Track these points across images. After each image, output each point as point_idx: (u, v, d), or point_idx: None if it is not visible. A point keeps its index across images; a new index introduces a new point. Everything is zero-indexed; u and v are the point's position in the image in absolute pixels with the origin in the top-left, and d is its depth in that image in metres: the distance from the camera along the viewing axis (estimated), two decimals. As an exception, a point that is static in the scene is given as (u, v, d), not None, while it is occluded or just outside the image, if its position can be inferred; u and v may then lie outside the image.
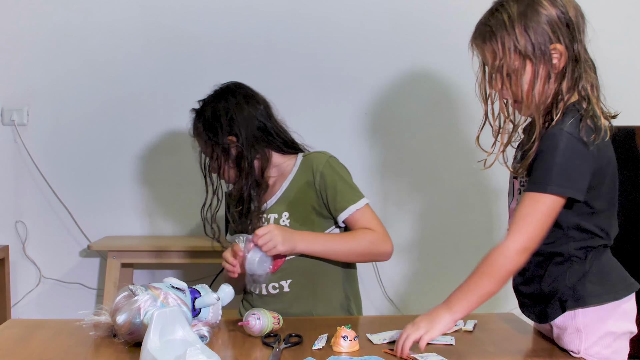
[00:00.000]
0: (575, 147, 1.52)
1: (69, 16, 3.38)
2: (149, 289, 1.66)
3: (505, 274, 1.56)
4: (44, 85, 3.40)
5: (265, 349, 1.66)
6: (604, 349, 1.60)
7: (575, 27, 1.57)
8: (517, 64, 1.56)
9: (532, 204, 1.54)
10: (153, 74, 3.41)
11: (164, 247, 3.20)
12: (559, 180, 1.51)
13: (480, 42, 1.61)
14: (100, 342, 1.70)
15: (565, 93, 1.56)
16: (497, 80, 1.59)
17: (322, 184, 2.02)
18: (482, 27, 1.60)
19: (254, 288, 2.08)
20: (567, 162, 1.51)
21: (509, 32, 1.55)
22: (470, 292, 1.58)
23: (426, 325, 1.58)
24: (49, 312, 3.41)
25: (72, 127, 3.41)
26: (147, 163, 3.43)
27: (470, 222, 3.45)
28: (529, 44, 1.54)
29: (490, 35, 1.57)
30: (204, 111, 2.09)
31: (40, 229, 3.43)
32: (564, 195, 1.53)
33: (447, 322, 1.58)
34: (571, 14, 1.56)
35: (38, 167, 3.39)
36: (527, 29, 1.54)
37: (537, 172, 1.54)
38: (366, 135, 3.47)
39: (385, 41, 3.44)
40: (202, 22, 3.41)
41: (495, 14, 1.58)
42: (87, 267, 3.46)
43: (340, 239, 2.01)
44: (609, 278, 1.61)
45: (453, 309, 1.58)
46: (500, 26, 1.56)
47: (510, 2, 1.57)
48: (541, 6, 1.55)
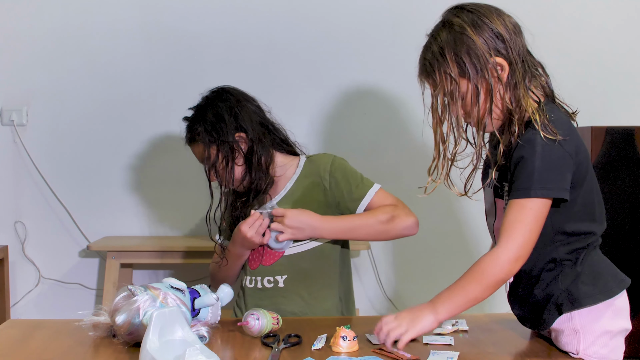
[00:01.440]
0: (552, 148, 1.53)
1: (69, 16, 3.38)
2: (148, 289, 1.66)
3: (496, 283, 1.57)
4: (43, 86, 3.40)
5: (265, 349, 1.66)
6: (602, 348, 1.61)
7: (509, 39, 1.60)
8: (452, 88, 1.60)
9: (519, 211, 1.55)
10: (152, 75, 3.41)
11: (163, 247, 3.20)
12: (541, 183, 1.53)
13: (423, 76, 1.68)
14: (99, 342, 1.70)
15: (522, 99, 1.59)
16: (437, 109, 1.64)
17: (334, 183, 2.05)
18: (422, 62, 1.68)
19: (250, 281, 2.08)
20: (546, 164, 1.53)
21: (442, 61, 1.61)
22: (458, 296, 1.59)
23: (407, 324, 1.59)
24: (48, 312, 3.41)
25: (71, 128, 3.41)
26: (146, 163, 3.43)
27: (469, 222, 3.45)
28: (462, 66, 1.59)
29: (429, 69, 1.64)
30: (203, 115, 2.06)
31: (39, 229, 3.43)
32: (549, 197, 1.54)
33: (429, 323, 1.60)
34: (501, 29, 1.60)
35: (37, 167, 3.39)
36: (457, 53, 1.59)
37: (520, 179, 1.55)
38: (366, 136, 3.47)
39: (385, 41, 3.44)
40: (202, 22, 3.41)
41: (429, 46, 1.65)
42: (86, 268, 3.46)
43: (360, 217, 2.03)
44: (601, 277, 1.62)
45: (437, 310, 1.59)
46: (433, 57, 1.63)
47: (440, 33, 1.63)
48: (468, 31, 1.59)
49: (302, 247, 2.05)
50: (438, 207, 3.48)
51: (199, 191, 2.14)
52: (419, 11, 3.41)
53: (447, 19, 1.64)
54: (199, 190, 2.14)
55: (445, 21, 1.64)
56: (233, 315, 2.12)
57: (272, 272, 2.05)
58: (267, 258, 2.05)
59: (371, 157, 3.43)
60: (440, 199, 3.49)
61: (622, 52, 3.47)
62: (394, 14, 3.44)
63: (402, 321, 1.60)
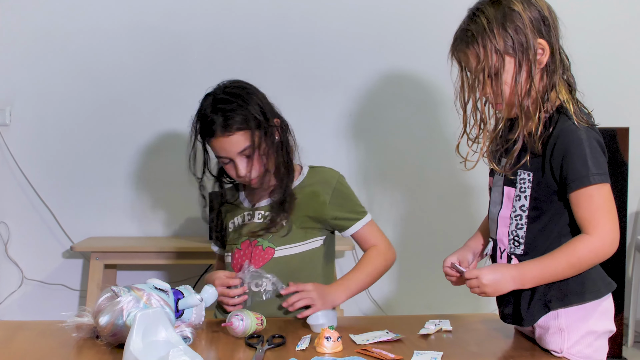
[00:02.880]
0: (595, 138, 1.58)
1: (53, 16, 3.37)
2: (131, 290, 1.65)
3: (588, 267, 1.60)
4: (27, 85, 3.38)
5: (249, 350, 1.66)
6: (586, 348, 1.62)
7: (552, 25, 1.62)
8: (498, 64, 1.59)
9: (589, 201, 1.56)
10: (137, 74, 3.40)
11: (147, 248, 3.19)
12: (596, 169, 1.56)
13: (463, 47, 1.63)
14: (82, 343, 1.69)
15: (555, 87, 1.61)
16: (480, 83, 1.61)
17: (336, 200, 2.08)
18: (463, 32, 1.63)
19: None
20: (594, 151, 1.57)
21: (489, 34, 1.58)
22: (548, 276, 1.60)
23: (491, 290, 1.60)
24: (31, 313, 3.39)
25: (54, 128, 3.39)
26: (130, 164, 3.42)
27: (453, 223, 3.46)
28: (509, 42, 1.58)
29: (471, 40, 1.60)
30: (246, 102, 2.00)
31: (22, 229, 3.41)
32: (607, 182, 1.57)
33: (508, 290, 1.61)
34: (546, 12, 1.61)
35: (20, 167, 3.37)
36: (506, 28, 1.58)
37: (574, 168, 1.56)
38: (351, 137, 3.47)
39: (369, 43, 3.45)
40: (188, 22, 3.40)
41: (474, 18, 1.62)
42: (70, 269, 3.45)
43: (363, 271, 2.07)
44: (590, 277, 1.63)
45: (525, 284, 1.60)
46: (480, 29, 1.59)
47: (487, 7, 1.61)
48: (517, 7, 1.59)
49: (293, 250, 2.05)
50: (422, 208, 3.50)
51: (184, 192, 2.13)
52: (403, 13, 3.43)
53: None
54: (184, 190, 2.13)
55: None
56: (214, 317, 2.12)
57: (259, 276, 2.04)
58: (255, 260, 2.04)
59: (356, 158, 3.44)
60: (424, 200, 3.50)
61: (602, 54, 3.50)
62: (378, 16, 3.45)
63: (486, 287, 1.60)
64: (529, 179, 1.63)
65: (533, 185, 1.63)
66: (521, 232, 1.66)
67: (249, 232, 2.05)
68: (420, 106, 3.47)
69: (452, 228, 3.46)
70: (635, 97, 3.55)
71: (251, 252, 2.05)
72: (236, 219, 2.11)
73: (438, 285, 3.25)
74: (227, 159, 2.01)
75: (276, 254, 2.04)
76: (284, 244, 2.04)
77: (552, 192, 1.61)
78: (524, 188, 1.64)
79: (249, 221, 2.08)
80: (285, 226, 2.04)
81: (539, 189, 1.62)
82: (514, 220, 1.66)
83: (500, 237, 1.70)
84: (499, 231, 1.70)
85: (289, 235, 2.04)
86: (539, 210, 1.63)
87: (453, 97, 1.67)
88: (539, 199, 1.63)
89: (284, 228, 2.03)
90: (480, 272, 1.61)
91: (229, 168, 2.03)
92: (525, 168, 1.63)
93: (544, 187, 1.62)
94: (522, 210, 1.65)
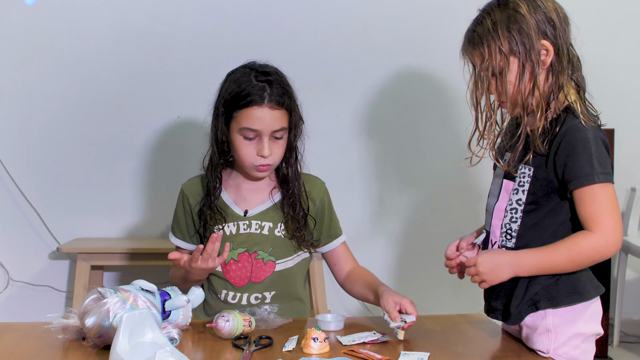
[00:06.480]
0: (601, 138, 1.61)
1: (37, 15, 3.34)
2: (118, 292, 1.65)
3: (589, 264, 1.62)
4: (12, 85, 3.35)
5: (236, 351, 1.66)
6: (572, 350, 1.63)
7: (559, 26, 1.66)
8: (502, 65, 1.64)
9: (593, 199, 1.58)
10: (124, 75, 3.38)
11: (134, 249, 3.18)
12: (602, 167, 1.58)
13: (469, 48, 1.70)
14: (68, 345, 1.68)
15: (564, 86, 1.65)
16: (484, 82, 1.66)
17: (321, 210, 2.08)
18: (470, 34, 1.70)
19: (233, 297, 2.03)
20: (599, 151, 1.59)
21: (494, 36, 1.64)
22: (546, 267, 1.61)
23: (489, 277, 1.63)
24: (17, 315, 3.37)
25: (40, 127, 3.37)
26: (117, 164, 3.40)
27: (446, 223, 3.46)
28: (513, 43, 1.63)
29: (477, 41, 1.66)
30: (290, 87, 2.05)
31: (8, 230, 3.39)
32: (610, 181, 1.59)
33: (505, 277, 1.63)
34: (552, 14, 1.65)
35: (6, 167, 3.35)
36: (510, 30, 1.63)
37: (579, 167, 1.58)
38: (345, 137, 3.47)
39: (356, 42, 3.45)
40: (173, 22, 3.39)
41: (481, 20, 1.68)
42: (56, 270, 3.43)
43: None
44: (580, 279, 1.65)
45: (520, 273, 1.62)
46: (485, 31, 1.65)
47: (494, 9, 1.67)
48: (522, 9, 1.64)
49: (291, 262, 2.04)
50: (416, 208, 3.50)
51: (171, 192, 2.12)
52: (392, 13, 3.44)
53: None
54: (171, 191, 2.12)
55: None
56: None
57: (261, 289, 2.01)
58: (256, 274, 2.01)
59: (351, 158, 3.44)
60: (419, 200, 3.51)
61: (587, 55, 3.51)
62: (367, 16, 3.46)
63: (484, 274, 1.62)
64: (529, 173, 1.65)
65: (532, 180, 1.65)
66: (515, 225, 1.67)
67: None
68: (417, 105, 3.48)
69: (444, 228, 3.47)
70: (620, 99, 3.57)
71: (251, 265, 2.02)
72: (227, 227, 2.02)
73: (429, 284, 3.26)
74: (254, 135, 1.92)
75: (277, 267, 2.02)
76: (284, 257, 2.03)
77: (551, 189, 1.63)
78: (523, 182, 1.66)
79: (245, 231, 2.02)
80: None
81: (538, 184, 1.64)
82: (509, 213, 1.68)
83: (493, 229, 1.72)
84: (493, 223, 1.72)
85: (287, 248, 2.03)
86: (535, 205, 1.65)
87: (464, 96, 1.72)
88: (536, 194, 1.65)
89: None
90: (477, 258, 1.63)
91: (248, 145, 1.92)
92: (527, 163, 1.66)
93: (543, 183, 1.64)
94: (518, 204, 1.66)
